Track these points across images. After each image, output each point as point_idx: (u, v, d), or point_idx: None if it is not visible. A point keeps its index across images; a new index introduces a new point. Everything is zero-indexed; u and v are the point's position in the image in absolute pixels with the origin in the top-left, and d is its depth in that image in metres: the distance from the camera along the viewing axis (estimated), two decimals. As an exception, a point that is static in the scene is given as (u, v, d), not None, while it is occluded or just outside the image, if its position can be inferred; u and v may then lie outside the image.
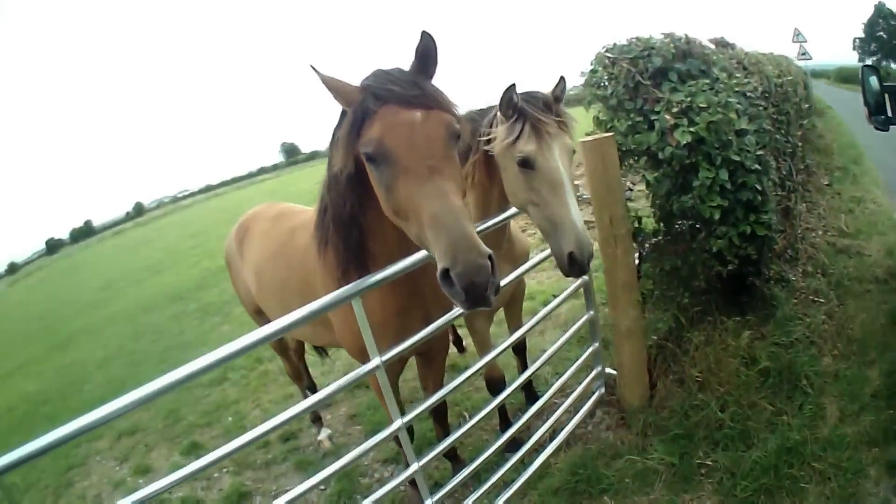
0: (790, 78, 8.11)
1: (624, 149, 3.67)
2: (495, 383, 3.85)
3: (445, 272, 1.75)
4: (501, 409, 4.09)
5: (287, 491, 4.34)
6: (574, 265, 2.50)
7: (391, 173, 1.97)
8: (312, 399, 2.65)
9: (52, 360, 13.41)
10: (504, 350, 3.39)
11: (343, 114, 2.18)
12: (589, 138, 3.45)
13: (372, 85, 2.06)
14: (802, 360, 3.74)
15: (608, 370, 4.17)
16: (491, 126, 2.84)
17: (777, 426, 3.37)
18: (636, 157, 3.91)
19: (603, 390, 4.14)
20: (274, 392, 6.46)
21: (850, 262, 5.47)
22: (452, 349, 5.27)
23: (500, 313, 4.37)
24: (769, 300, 4.15)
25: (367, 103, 2.03)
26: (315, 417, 5.08)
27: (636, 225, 3.89)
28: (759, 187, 3.52)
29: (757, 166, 3.52)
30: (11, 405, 10.84)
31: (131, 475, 5.61)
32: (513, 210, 3.05)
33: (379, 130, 1.98)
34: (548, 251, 3.39)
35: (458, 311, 2.80)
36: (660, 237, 4.09)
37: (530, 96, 2.73)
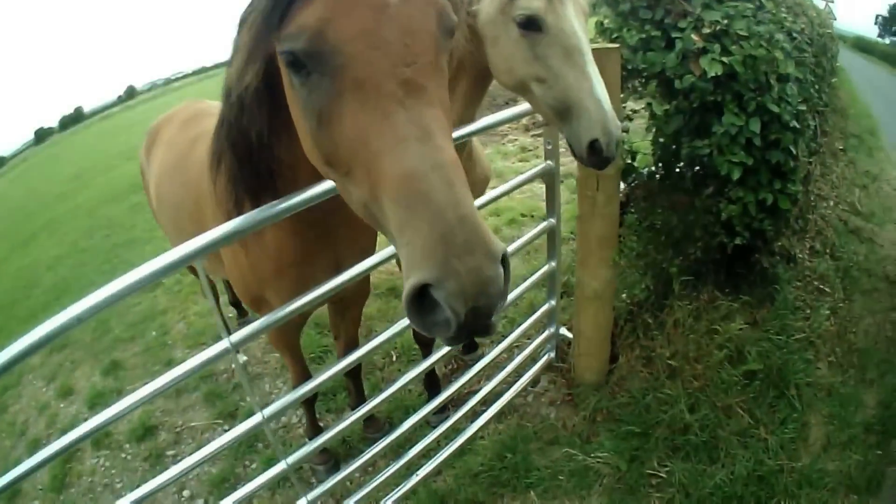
0: (829, 31, 7.47)
1: (630, 67, 2.94)
2: (426, 341, 3.30)
3: (422, 290, 1.02)
4: (430, 373, 3.45)
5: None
6: (596, 156, 1.95)
7: (330, 90, 1.20)
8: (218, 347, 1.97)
9: (12, 262, 13.58)
10: None
11: None
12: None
13: None
14: (796, 364, 3.13)
15: (563, 331, 3.56)
16: None
17: (751, 442, 2.83)
18: (643, 81, 3.15)
19: (553, 355, 3.56)
20: (203, 303, 6.17)
21: (861, 249, 4.94)
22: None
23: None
24: (770, 279, 3.48)
25: None
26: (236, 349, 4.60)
27: (629, 161, 3.14)
28: (793, 150, 2.84)
29: (795, 123, 2.83)
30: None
31: (55, 397, 5.46)
32: (479, 123, 2.44)
33: (320, 11, 1.19)
34: (524, 175, 2.86)
35: (379, 257, 2.24)
36: (655, 182, 3.31)
37: None
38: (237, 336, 1.94)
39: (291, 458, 2.33)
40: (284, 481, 3.32)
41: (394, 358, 4.17)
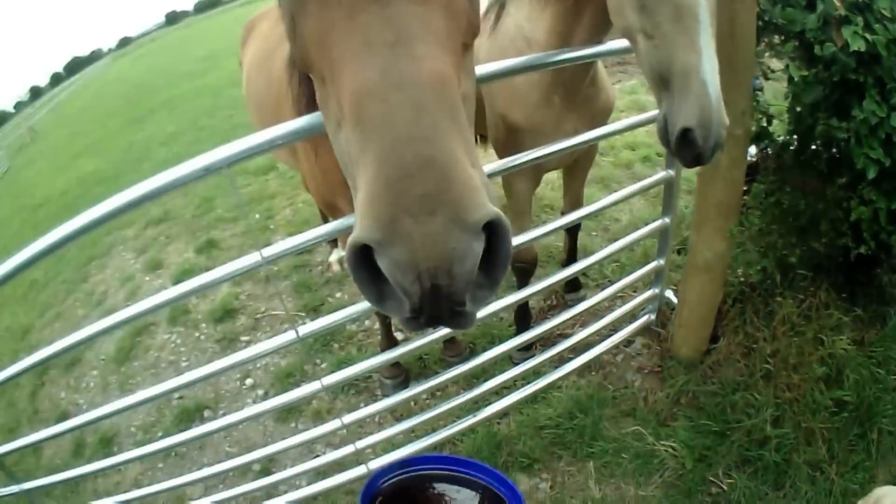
0: None
1: (766, 19, 2.48)
2: (524, 268, 3.08)
3: (367, 251, 0.76)
4: (523, 305, 3.27)
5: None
6: (687, 149, 1.61)
7: None
8: (331, 226, 1.85)
9: (125, 136, 14.07)
10: (552, 231, 2.61)
11: None
12: None
13: None
14: (886, 405, 2.71)
15: (669, 294, 3.27)
16: None
17: (819, 479, 2.53)
18: (782, 38, 2.65)
19: (653, 317, 3.29)
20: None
21: None
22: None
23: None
24: (887, 299, 3.04)
25: None
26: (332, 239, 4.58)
27: (763, 124, 2.72)
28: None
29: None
30: (66, 188, 11.54)
31: (142, 270, 5.63)
32: (609, 45, 2.18)
33: None
34: (642, 116, 2.57)
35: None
36: (788, 155, 2.85)
37: None
38: (332, 225, 1.81)
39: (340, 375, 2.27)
40: (350, 387, 3.29)
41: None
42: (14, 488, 2.39)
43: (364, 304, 2.01)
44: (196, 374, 1.97)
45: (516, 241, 2.29)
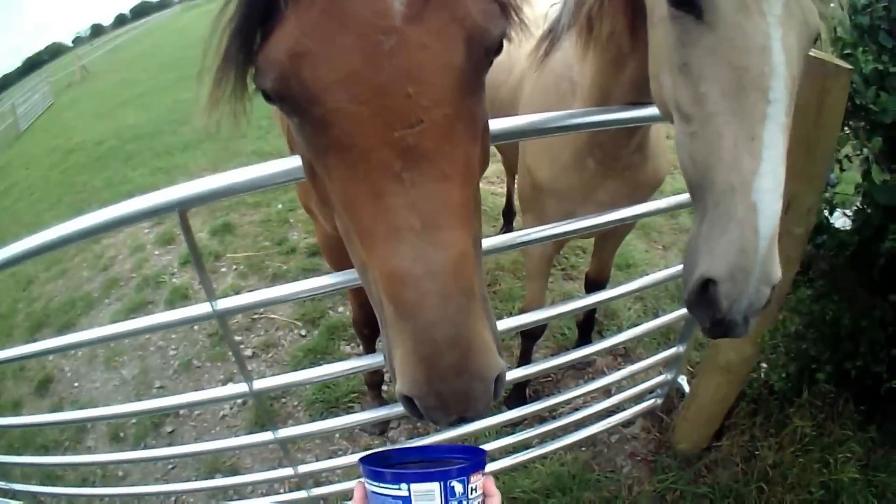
0: None
1: (857, 102, 2.18)
2: (531, 334, 2.92)
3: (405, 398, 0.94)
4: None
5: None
6: (704, 308, 1.13)
7: (315, 141, 0.92)
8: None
9: (173, 93, 14.08)
10: (571, 313, 2.31)
11: None
12: (812, 52, 1.73)
13: None
14: None
15: (682, 381, 3.04)
16: None
17: None
18: (869, 127, 2.33)
19: (660, 402, 3.09)
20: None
21: None
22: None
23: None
24: None
25: None
26: None
27: (825, 217, 2.47)
28: None
29: None
30: (102, 138, 11.63)
31: (153, 242, 5.72)
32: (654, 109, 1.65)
33: (292, 39, 0.85)
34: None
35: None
36: (845, 256, 2.56)
37: None
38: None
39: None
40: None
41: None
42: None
43: (325, 370, 1.89)
44: (150, 405, 1.95)
45: (527, 318, 2.10)
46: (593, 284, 3.15)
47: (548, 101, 2.11)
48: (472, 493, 0.97)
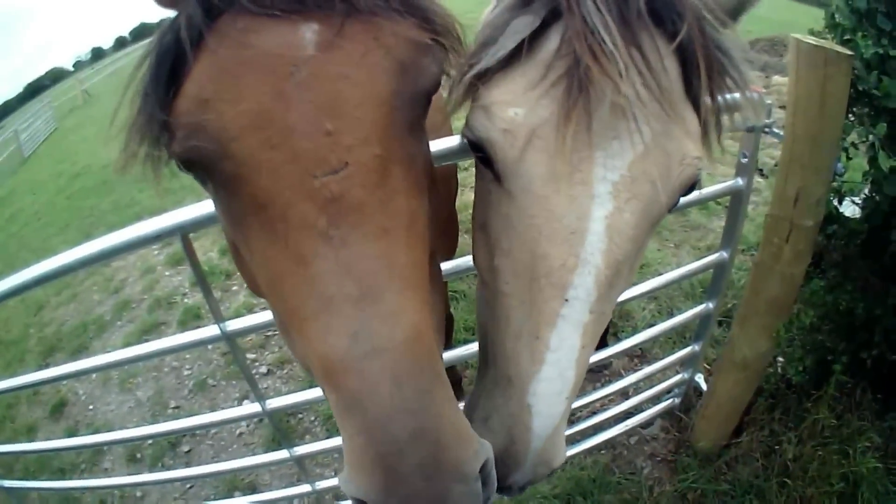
0: None
1: (861, 88, 2.13)
2: None
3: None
4: None
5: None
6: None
7: (232, 208, 0.80)
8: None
9: None
10: None
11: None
12: (811, 40, 1.83)
13: None
14: None
15: (699, 379, 3.01)
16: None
17: None
18: (873, 113, 2.26)
19: (678, 401, 3.06)
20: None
21: None
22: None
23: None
24: None
25: (189, 10, 0.76)
26: None
27: (835, 207, 2.42)
28: None
29: None
30: (109, 161, 11.41)
31: (164, 264, 5.67)
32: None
33: (198, 83, 0.76)
34: (707, 190, 2.08)
35: None
36: (856, 245, 2.53)
37: None
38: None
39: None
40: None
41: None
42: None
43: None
44: (165, 427, 2.00)
45: None
46: None
47: None
48: None
